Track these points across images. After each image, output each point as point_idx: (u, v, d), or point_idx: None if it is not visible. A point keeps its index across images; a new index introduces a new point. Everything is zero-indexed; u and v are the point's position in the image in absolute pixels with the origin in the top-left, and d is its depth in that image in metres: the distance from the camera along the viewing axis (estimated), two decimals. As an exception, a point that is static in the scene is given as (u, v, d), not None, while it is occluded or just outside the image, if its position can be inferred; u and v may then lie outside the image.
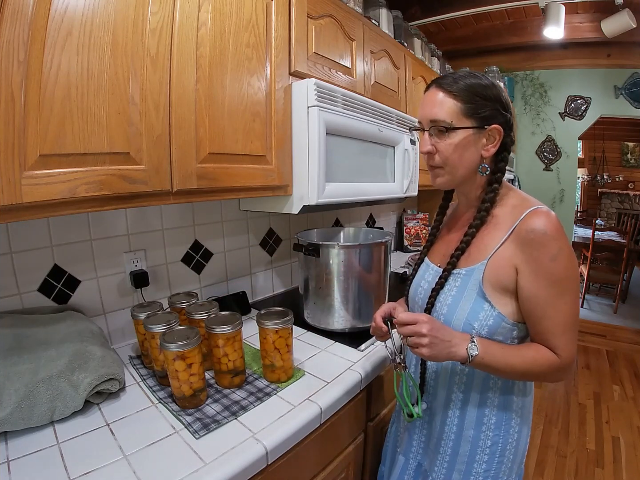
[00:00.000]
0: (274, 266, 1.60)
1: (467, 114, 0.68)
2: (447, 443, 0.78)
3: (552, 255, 0.64)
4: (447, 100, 0.69)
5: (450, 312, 0.73)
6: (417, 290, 0.84)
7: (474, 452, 0.76)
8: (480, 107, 0.68)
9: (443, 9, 2.37)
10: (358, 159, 1.30)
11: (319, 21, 1.16)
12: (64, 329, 0.86)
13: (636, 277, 4.67)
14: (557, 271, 0.65)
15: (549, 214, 0.66)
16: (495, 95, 0.70)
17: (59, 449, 0.67)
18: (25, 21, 0.57)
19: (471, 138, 0.69)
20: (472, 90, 0.68)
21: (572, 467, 1.81)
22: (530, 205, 0.69)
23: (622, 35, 2.37)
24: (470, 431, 0.76)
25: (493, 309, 0.69)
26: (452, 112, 0.68)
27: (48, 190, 0.62)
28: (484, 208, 0.72)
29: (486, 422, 0.75)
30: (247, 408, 0.80)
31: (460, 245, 0.73)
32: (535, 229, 0.65)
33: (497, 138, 0.70)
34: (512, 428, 0.76)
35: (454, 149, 0.69)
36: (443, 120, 0.69)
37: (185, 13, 0.80)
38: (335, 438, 0.93)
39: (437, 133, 0.70)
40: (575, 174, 3.50)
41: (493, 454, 0.75)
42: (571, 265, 0.66)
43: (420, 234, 2.53)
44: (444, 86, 0.69)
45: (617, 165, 6.66)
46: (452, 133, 0.69)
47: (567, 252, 0.65)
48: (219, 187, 0.91)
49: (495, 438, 0.75)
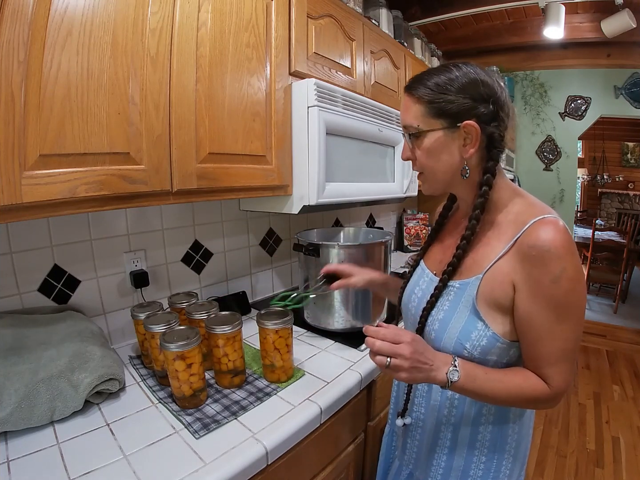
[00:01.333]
0: (274, 266, 1.60)
1: (433, 115, 0.63)
2: (440, 456, 0.75)
3: (553, 276, 0.57)
4: (412, 104, 0.65)
5: (442, 328, 0.67)
6: (410, 296, 0.79)
7: (467, 466, 0.72)
8: (446, 105, 0.61)
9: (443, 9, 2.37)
10: (358, 159, 1.30)
11: (319, 21, 1.16)
12: (64, 329, 0.86)
13: (636, 277, 4.66)
14: (557, 294, 0.57)
15: (556, 226, 0.58)
16: (466, 86, 0.61)
17: (59, 449, 0.67)
18: (25, 21, 0.57)
19: (443, 139, 0.63)
20: (437, 88, 0.62)
21: (572, 467, 1.81)
22: (537, 213, 0.61)
23: (622, 35, 2.36)
24: (465, 445, 0.72)
25: (487, 329, 0.63)
26: (418, 115, 0.64)
27: (48, 190, 0.62)
28: (474, 216, 0.65)
29: (480, 438, 0.71)
30: (247, 408, 0.80)
31: (453, 260, 0.67)
32: (537, 244, 0.57)
33: (473, 136, 0.62)
34: (507, 444, 0.72)
35: (427, 154, 0.65)
36: (410, 125, 0.66)
37: (185, 13, 0.80)
38: (335, 438, 0.93)
39: (411, 139, 0.67)
40: (575, 174, 3.50)
41: (487, 468, 0.72)
42: (575, 289, 0.58)
43: (420, 234, 2.53)
44: (410, 89, 0.66)
45: (617, 165, 6.66)
46: (421, 137, 0.65)
47: (571, 274, 0.57)
48: (219, 187, 0.91)
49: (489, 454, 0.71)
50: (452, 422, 0.73)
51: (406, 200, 1.72)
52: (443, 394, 0.73)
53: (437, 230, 0.84)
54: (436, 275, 0.75)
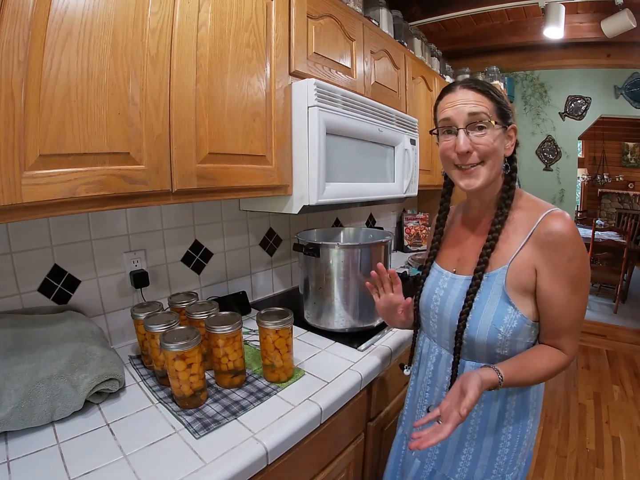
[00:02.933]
0: (274, 266, 1.60)
1: (498, 114, 0.71)
2: (470, 443, 0.79)
3: (569, 256, 0.67)
4: (483, 98, 0.70)
5: (475, 318, 0.73)
6: (431, 297, 0.83)
7: (495, 447, 0.78)
8: (504, 107, 0.71)
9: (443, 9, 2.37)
10: (358, 159, 1.30)
11: (319, 21, 1.16)
12: (64, 329, 0.86)
13: (636, 277, 4.66)
14: (573, 271, 0.68)
15: (564, 216, 0.69)
16: (506, 99, 0.73)
17: (59, 449, 0.67)
18: (25, 21, 0.57)
19: (502, 135, 0.72)
20: (498, 94, 0.71)
21: (572, 467, 1.81)
22: (545, 208, 0.72)
23: (622, 35, 2.37)
24: (492, 428, 0.78)
25: (516, 312, 0.70)
26: (489, 109, 0.70)
27: (48, 190, 0.62)
28: (504, 205, 0.74)
29: (507, 416, 0.77)
30: (247, 408, 0.80)
31: (486, 251, 0.73)
32: (553, 231, 0.68)
33: (514, 137, 0.74)
34: (529, 419, 0.79)
35: (494, 145, 0.70)
36: (485, 113, 0.69)
37: (185, 13, 0.80)
38: (335, 438, 0.93)
39: (477, 128, 0.70)
40: (575, 174, 3.50)
41: (512, 445, 0.78)
42: (585, 265, 0.69)
43: (420, 234, 2.53)
44: (477, 87, 0.71)
45: (617, 165, 6.66)
46: (492, 128, 0.70)
47: (581, 253, 0.69)
48: (219, 187, 0.91)
49: (514, 431, 0.78)
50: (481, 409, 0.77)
51: (406, 200, 1.72)
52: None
53: (442, 232, 0.89)
54: (456, 273, 0.80)
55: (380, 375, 1.06)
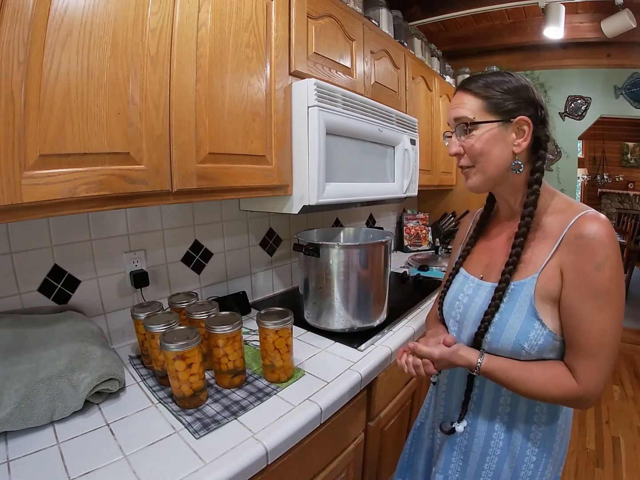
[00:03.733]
0: (274, 266, 1.60)
1: (490, 110, 0.68)
2: (492, 459, 0.75)
3: (597, 263, 0.60)
4: (469, 98, 0.69)
5: (499, 330, 0.68)
6: (453, 304, 0.79)
7: (519, 467, 0.73)
8: (503, 102, 0.67)
9: (443, 9, 2.37)
10: (358, 159, 1.30)
11: (319, 21, 1.16)
12: (64, 329, 0.86)
13: (636, 277, 4.66)
14: (600, 282, 0.60)
15: (599, 219, 0.62)
16: (519, 89, 0.68)
17: (59, 449, 0.67)
18: (25, 21, 0.57)
19: (497, 133, 0.67)
20: (493, 87, 0.68)
21: (572, 467, 1.81)
22: (579, 210, 0.66)
23: (622, 35, 2.36)
24: (517, 447, 0.73)
25: (544, 328, 0.64)
26: (474, 109, 0.68)
27: (48, 190, 0.62)
28: (527, 213, 0.68)
29: (532, 437, 0.72)
30: (247, 408, 0.80)
31: (512, 259, 0.68)
32: (584, 234, 0.61)
33: (526, 130, 0.67)
34: (555, 442, 0.73)
35: (480, 145, 0.68)
36: (465, 117, 0.69)
37: (185, 13, 0.80)
38: (335, 438, 0.93)
39: (462, 132, 0.70)
40: (575, 174, 3.50)
41: (537, 467, 0.72)
42: (617, 277, 0.61)
43: (420, 234, 2.53)
44: (466, 86, 0.70)
45: (617, 165, 6.65)
46: (475, 129, 0.68)
47: (614, 263, 0.60)
48: (219, 187, 0.91)
49: (539, 453, 0.72)
50: (505, 422, 0.73)
51: (406, 200, 1.72)
52: (496, 396, 0.74)
53: (479, 233, 0.85)
54: (483, 279, 0.76)
55: (380, 375, 1.06)
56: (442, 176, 2.27)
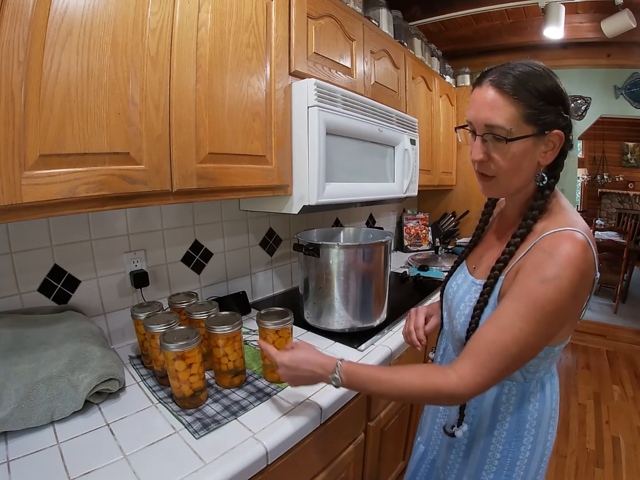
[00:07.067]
0: (274, 266, 1.59)
1: (528, 120, 0.60)
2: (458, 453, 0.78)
3: (544, 277, 0.56)
4: (507, 105, 0.60)
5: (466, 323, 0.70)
6: (448, 290, 0.83)
7: (482, 461, 0.74)
8: (543, 113, 0.60)
9: (443, 9, 2.37)
10: (358, 159, 1.30)
11: (319, 21, 1.16)
12: (64, 329, 0.86)
13: (636, 277, 4.66)
14: (537, 294, 0.57)
15: (572, 239, 0.58)
16: (560, 96, 0.61)
17: (59, 449, 0.67)
18: (25, 21, 0.57)
19: (530, 146, 0.61)
20: (536, 94, 0.59)
21: (572, 467, 1.81)
22: (562, 224, 0.61)
23: (622, 35, 2.36)
24: (480, 441, 0.74)
25: None
26: (512, 119, 0.60)
27: (48, 190, 0.62)
28: (531, 216, 0.65)
29: (497, 434, 0.72)
30: (247, 408, 0.80)
31: (503, 257, 0.66)
32: (545, 248, 0.59)
33: (556, 144, 0.62)
34: (523, 446, 0.71)
35: (512, 160, 0.62)
36: (502, 127, 0.60)
37: (185, 13, 0.80)
38: (335, 438, 0.93)
39: (493, 140, 0.62)
40: (575, 174, 3.50)
41: (501, 467, 0.72)
42: (558, 301, 0.56)
43: (420, 234, 2.53)
44: (503, 87, 0.60)
45: (617, 165, 6.65)
46: (511, 142, 0.61)
47: (563, 286, 0.56)
48: (219, 187, 0.91)
49: (504, 452, 0.72)
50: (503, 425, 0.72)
51: (406, 200, 1.73)
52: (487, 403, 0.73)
53: (482, 229, 0.85)
54: (471, 273, 0.78)
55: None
56: (442, 176, 2.27)
